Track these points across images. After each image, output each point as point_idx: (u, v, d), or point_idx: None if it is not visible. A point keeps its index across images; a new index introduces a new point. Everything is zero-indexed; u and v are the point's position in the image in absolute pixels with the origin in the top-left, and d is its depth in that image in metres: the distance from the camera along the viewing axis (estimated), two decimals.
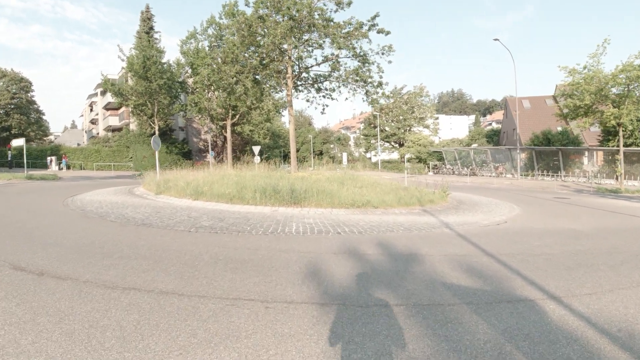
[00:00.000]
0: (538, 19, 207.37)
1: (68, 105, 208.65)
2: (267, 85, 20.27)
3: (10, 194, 15.26)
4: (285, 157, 65.62)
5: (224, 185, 12.42)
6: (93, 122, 67.02)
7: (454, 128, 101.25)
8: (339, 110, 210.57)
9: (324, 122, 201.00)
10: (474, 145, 55.71)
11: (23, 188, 17.93)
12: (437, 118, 62.86)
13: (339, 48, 16.66)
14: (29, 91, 53.87)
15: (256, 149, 35.29)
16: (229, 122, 37.82)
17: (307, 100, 21.11)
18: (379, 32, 18.17)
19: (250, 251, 6.12)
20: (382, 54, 18.56)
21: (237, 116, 38.61)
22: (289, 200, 10.86)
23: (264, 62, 17.90)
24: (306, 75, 20.50)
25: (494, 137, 65.93)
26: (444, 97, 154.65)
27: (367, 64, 18.46)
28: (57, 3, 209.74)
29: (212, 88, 36.57)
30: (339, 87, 20.09)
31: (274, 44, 16.59)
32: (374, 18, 17.80)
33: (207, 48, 36.66)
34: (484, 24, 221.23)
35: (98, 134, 60.51)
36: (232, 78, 19.03)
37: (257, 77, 20.34)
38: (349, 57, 18.60)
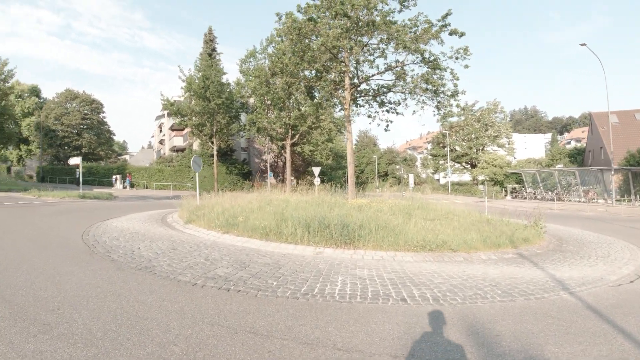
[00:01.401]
0: (610, 29, 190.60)
1: (147, 127, 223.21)
2: (324, 99, 17.96)
3: (44, 214, 14.37)
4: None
5: (263, 215, 10.27)
6: (161, 142, 69.28)
7: (529, 147, 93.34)
8: (405, 128, 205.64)
9: (389, 142, 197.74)
10: (559, 166, 49.94)
11: (66, 208, 17.12)
12: (511, 137, 57.23)
13: (405, 47, 13.89)
14: (100, 112, 56.37)
15: (316, 170, 33.31)
16: (288, 142, 36.33)
17: (369, 116, 18.60)
18: (451, 33, 15.22)
19: (254, 341, 3.74)
20: (457, 58, 15.52)
21: (297, 136, 37.06)
22: (340, 238, 8.35)
23: (317, 68, 15.60)
24: (367, 87, 18.04)
25: (577, 157, 59.25)
26: (516, 115, 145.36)
27: (438, 70, 15.72)
28: (135, 33, 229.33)
29: (272, 108, 35.42)
30: (405, 99, 17.37)
31: (325, 47, 14.36)
32: (445, 17, 14.99)
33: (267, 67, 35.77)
34: (551, 37, 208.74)
35: (165, 153, 62.10)
36: (283, 91, 17.01)
37: (312, 91, 18.31)
38: (416, 64, 15.84)
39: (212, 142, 37.29)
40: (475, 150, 55.02)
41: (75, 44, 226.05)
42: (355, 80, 17.05)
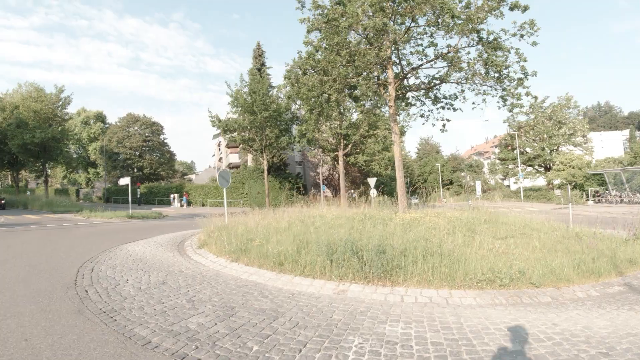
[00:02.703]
0: None
1: (211, 147, 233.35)
2: (366, 98, 15.75)
3: (75, 236, 13.64)
4: (415, 190, 60.36)
5: (285, 236, 8.40)
6: (220, 160, 70.44)
7: (606, 146, 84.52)
8: (468, 132, 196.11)
9: (452, 148, 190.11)
10: None
11: (105, 229, 16.44)
12: (584, 135, 50.81)
13: (453, 17, 10.96)
14: (160, 134, 58.15)
15: (371, 181, 31.20)
16: (340, 153, 34.58)
17: (421, 116, 16.22)
18: (512, 8, 12.36)
19: None
20: (522, 35, 12.58)
21: (350, 146, 35.19)
22: (372, 270, 6.22)
23: (346, 55, 13.31)
24: (415, 81, 15.63)
25: None
26: (589, 112, 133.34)
27: (500, 52, 12.81)
28: (200, 59, 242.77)
29: (322, 119, 33.98)
30: (462, 91, 14.63)
31: (363, 31, 12.16)
32: None
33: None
34: (620, 27, 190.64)
35: None
36: (314, 91, 14.99)
37: (354, 91, 16.29)
38: (472, 47, 13.17)
39: (263, 157, 36.47)
40: (548, 151, 49.71)
41: (144, 74, 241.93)
42: (401, 72, 14.81)
